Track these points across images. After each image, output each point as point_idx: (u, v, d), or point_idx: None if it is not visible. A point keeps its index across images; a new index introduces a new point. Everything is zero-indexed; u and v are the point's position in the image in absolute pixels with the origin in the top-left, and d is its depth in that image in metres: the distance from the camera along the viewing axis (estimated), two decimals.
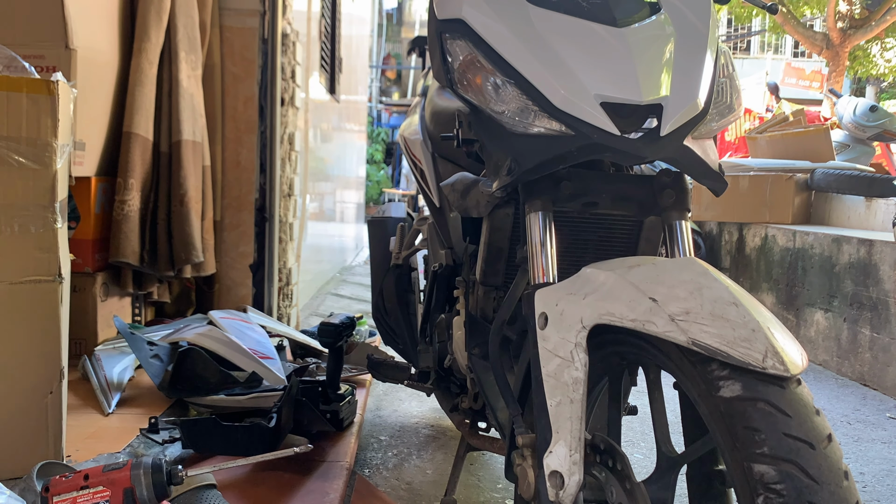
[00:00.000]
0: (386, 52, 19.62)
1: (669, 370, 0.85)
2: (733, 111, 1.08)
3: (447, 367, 1.60)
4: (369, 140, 13.46)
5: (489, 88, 1.03)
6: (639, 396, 1.07)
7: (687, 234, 1.08)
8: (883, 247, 3.12)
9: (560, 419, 0.90)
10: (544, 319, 0.94)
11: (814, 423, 0.73)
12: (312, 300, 4.29)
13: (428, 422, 2.42)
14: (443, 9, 1.09)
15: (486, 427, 1.71)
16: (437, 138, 1.50)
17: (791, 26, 10.99)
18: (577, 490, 0.88)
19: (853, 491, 0.71)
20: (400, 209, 2.35)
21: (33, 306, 1.42)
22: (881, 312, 3.10)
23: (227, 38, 2.90)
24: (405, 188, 13.13)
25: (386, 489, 1.86)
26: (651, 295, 0.82)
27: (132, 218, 2.42)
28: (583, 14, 1.04)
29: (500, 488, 1.90)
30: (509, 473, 1.05)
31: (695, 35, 1.05)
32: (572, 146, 0.98)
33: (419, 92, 2.09)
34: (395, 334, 2.12)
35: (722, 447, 0.75)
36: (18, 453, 1.41)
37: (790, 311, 3.80)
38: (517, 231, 1.19)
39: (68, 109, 1.46)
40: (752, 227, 4.27)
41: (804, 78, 13.82)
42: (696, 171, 1.04)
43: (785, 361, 0.75)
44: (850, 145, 5.18)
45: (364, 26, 8.23)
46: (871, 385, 3.16)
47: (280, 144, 3.08)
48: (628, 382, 1.10)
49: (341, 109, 5.65)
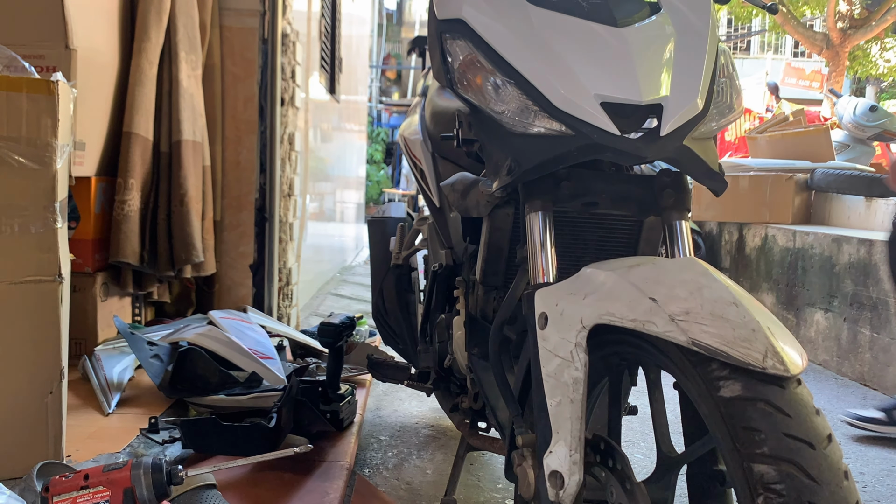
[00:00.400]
0: (386, 52, 19.62)
1: (669, 370, 0.85)
2: (733, 111, 1.08)
3: (447, 367, 1.60)
4: (369, 140, 13.46)
5: (489, 88, 1.03)
6: (639, 396, 1.07)
7: (687, 234, 1.08)
8: (883, 247, 3.12)
9: (560, 419, 0.90)
10: (544, 319, 0.94)
11: (814, 423, 0.73)
12: (312, 300, 4.29)
13: (428, 422, 2.42)
14: (443, 9, 1.09)
15: (486, 427, 1.71)
16: (437, 138, 1.50)
17: (791, 26, 10.99)
18: (577, 490, 0.88)
19: (853, 491, 0.72)
20: (400, 209, 2.35)
21: (33, 306, 1.42)
22: (881, 312, 3.10)
23: (227, 38, 2.90)
24: (405, 188, 13.13)
25: (386, 489, 1.86)
26: (651, 295, 0.82)
27: (132, 218, 2.42)
28: (583, 14, 1.04)
29: (500, 488, 1.90)
30: (509, 473, 1.05)
31: (695, 35, 1.05)
32: (572, 146, 0.98)
33: (419, 92, 2.09)
34: (395, 334, 2.12)
35: (722, 447, 0.75)
36: (18, 453, 1.40)
37: (790, 311, 3.80)
38: (517, 231, 1.19)
39: (68, 109, 1.46)
40: (752, 227, 4.27)
41: (804, 78, 13.81)
42: (696, 171, 1.04)
43: (785, 361, 0.75)
44: (850, 145, 5.18)
45: (364, 26, 8.23)
46: (871, 385, 3.16)
47: (280, 144, 3.08)
48: (628, 382, 1.10)
49: (341, 109, 5.65)
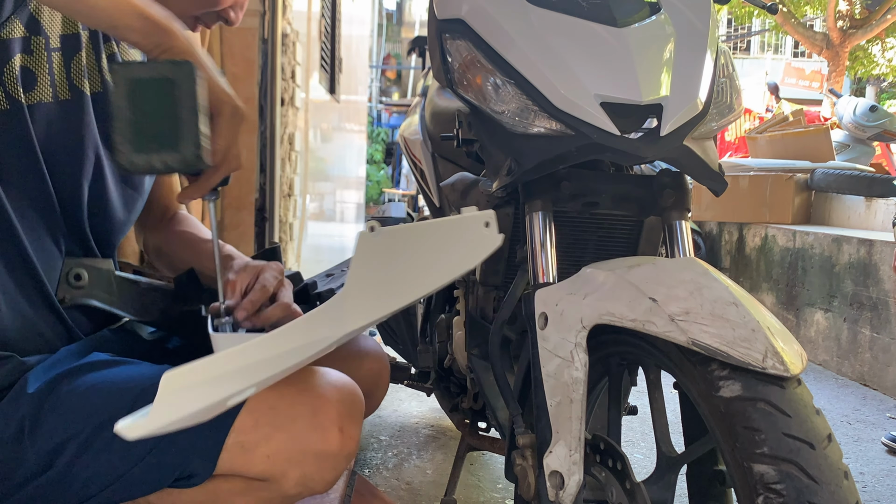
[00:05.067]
0: (386, 52, 19.63)
1: (669, 370, 0.85)
2: (733, 111, 1.08)
3: (447, 367, 1.60)
4: (369, 140, 13.46)
5: (489, 88, 1.03)
6: (639, 396, 1.07)
7: (687, 234, 1.08)
8: (883, 247, 3.12)
9: (560, 419, 0.90)
10: (544, 319, 0.94)
11: (814, 423, 0.73)
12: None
13: (428, 422, 2.42)
14: (443, 9, 1.09)
15: (486, 427, 1.72)
16: (437, 138, 1.50)
17: (791, 26, 11.00)
18: (577, 490, 0.88)
19: (853, 491, 0.72)
20: (400, 209, 2.35)
21: None
22: (881, 312, 3.10)
23: (227, 38, 2.89)
24: (405, 188, 13.12)
25: (386, 489, 1.86)
26: (651, 295, 0.82)
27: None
28: (583, 14, 1.03)
29: (500, 488, 1.90)
30: (509, 473, 1.05)
31: (695, 35, 1.05)
32: (572, 146, 0.98)
33: (419, 92, 2.09)
34: (395, 334, 2.12)
35: (722, 447, 0.75)
36: None
37: (790, 311, 3.80)
38: (517, 231, 1.19)
39: None
40: (752, 227, 4.27)
41: (804, 78, 13.83)
42: (696, 171, 1.04)
43: (785, 361, 0.75)
44: (850, 145, 5.19)
45: (364, 26, 8.23)
46: (871, 385, 3.16)
47: (280, 144, 3.08)
48: (628, 382, 1.10)
49: (341, 109, 5.65)
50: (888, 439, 2.41)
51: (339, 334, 0.72)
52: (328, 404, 0.90)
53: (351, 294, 0.72)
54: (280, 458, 0.87)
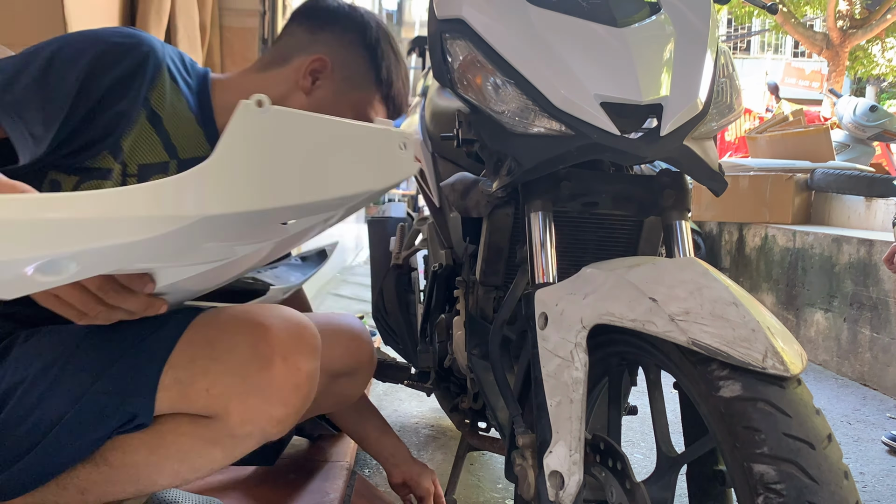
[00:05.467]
0: None
1: (669, 370, 0.85)
2: (733, 111, 1.08)
3: (447, 367, 1.60)
4: None
5: (489, 88, 1.03)
6: (639, 396, 1.07)
7: (687, 234, 1.08)
8: (883, 247, 3.12)
9: (560, 419, 0.90)
10: (544, 319, 0.94)
11: (814, 423, 0.73)
12: (312, 300, 4.28)
13: (428, 422, 2.42)
14: (443, 9, 1.09)
15: (486, 427, 1.72)
16: (437, 138, 1.50)
17: (791, 26, 11.00)
18: (577, 490, 0.88)
19: (853, 491, 0.71)
20: (400, 209, 2.35)
21: None
22: (881, 312, 3.10)
23: (227, 38, 2.89)
24: (405, 188, 13.10)
25: (386, 489, 1.86)
26: (651, 295, 0.82)
27: None
28: (583, 14, 1.03)
29: (500, 488, 1.90)
30: (509, 473, 1.05)
31: (695, 35, 1.05)
32: (572, 146, 0.98)
33: (419, 92, 2.09)
34: (395, 334, 2.12)
35: (722, 447, 0.75)
36: None
37: (790, 311, 3.80)
38: (517, 231, 1.19)
39: None
40: (752, 227, 4.27)
41: (804, 78, 13.83)
42: (696, 171, 1.04)
43: (785, 361, 0.75)
44: (850, 145, 5.19)
45: None
46: (871, 385, 3.16)
47: None
48: (628, 382, 1.10)
49: None
50: (888, 439, 2.41)
51: (190, 215, 0.59)
52: (269, 333, 0.86)
53: (212, 172, 0.59)
54: (220, 391, 0.84)
